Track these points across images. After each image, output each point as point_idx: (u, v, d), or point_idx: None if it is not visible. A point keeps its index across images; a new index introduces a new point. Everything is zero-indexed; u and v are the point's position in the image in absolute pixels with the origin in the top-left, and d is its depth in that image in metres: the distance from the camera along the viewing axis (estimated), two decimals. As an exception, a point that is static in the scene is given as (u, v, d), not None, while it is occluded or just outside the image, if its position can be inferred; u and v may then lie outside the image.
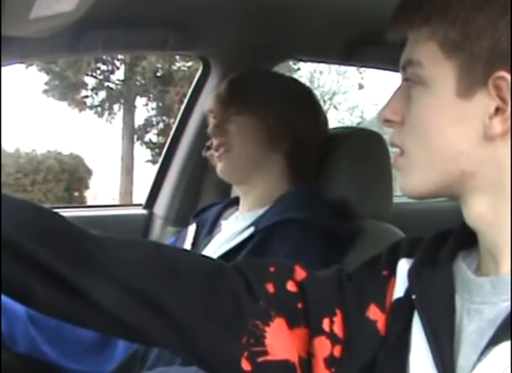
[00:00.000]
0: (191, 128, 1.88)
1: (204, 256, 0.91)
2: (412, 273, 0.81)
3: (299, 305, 0.83)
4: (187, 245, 1.45)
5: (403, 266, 0.83)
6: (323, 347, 0.82)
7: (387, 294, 0.83)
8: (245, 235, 1.31)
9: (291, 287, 0.84)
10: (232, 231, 1.36)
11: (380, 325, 0.82)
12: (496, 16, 0.72)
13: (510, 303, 0.70)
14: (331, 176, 1.47)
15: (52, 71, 12.35)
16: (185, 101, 1.92)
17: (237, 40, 1.70)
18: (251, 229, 1.31)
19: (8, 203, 0.77)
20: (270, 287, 0.84)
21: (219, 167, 1.41)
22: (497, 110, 0.72)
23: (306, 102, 1.44)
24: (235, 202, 1.50)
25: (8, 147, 11.18)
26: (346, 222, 1.43)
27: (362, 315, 0.82)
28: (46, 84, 12.64)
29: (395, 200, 1.57)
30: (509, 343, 0.67)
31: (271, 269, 0.86)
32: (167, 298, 0.79)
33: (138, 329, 0.80)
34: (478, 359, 0.69)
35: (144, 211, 2.01)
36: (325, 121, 1.47)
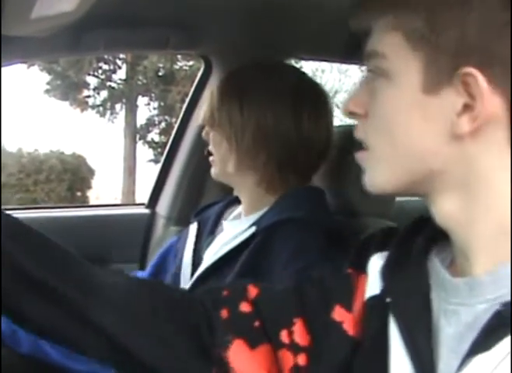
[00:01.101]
0: (193, 127, 1.88)
1: (167, 293, 0.89)
2: (385, 272, 0.79)
3: (257, 324, 0.82)
4: (190, 245, 1.45)
5: (376, 261, 0.81)
6: (286, 359, 0.81)
7: (354, 293, 0.81)
8: (246, 234, 1.31)
9: (245, 307, 0.84)
10: (234, 231, 1.36)
11: (347, 326, 0.80)
12: (465, 10, 0.68)
13: (487, 306, 0.67)
14: (332, 173, 1.47)
15: (54, 70, 12.36)
16: (187, 100, 1.92)
17: (238, 38, 1.70)
18: (253, 229, 1.31)
19: (9, 224, 0.77)
20: (224, 313, 0.83)
21: (211, 171, 1.42)
22: (465, 107, 0.68)
23: (284, 107, 1.35)
24: (236, 201, 1.50)
25: (11, 147, 11.20)
26: (348, 221, 1.43)
27: (327, 318, 0.81)
28: (48, 84, 12.66)
29: (397, 198, 1.57)
30: (488, 352, 0.64)
31: (225, 293, 0.86)
32: (136, 343, 0.79)
33: (118, 368, 0.83)
34: (460, 367, 0.66)
35: (146, 211, 2.01)
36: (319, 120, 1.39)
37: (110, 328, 0.78)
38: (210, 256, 1.36)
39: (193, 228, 1.49)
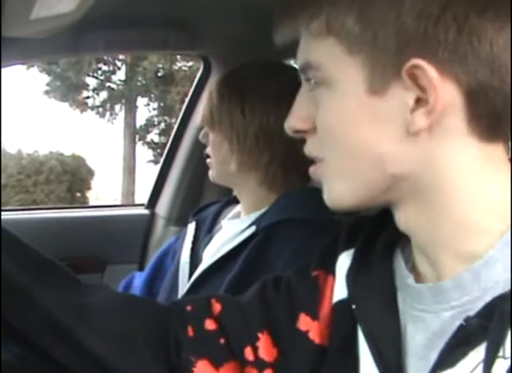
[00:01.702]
0: (193, 128, 1.88)
1: (144, 311, 0.88)
2: (349, 277, 0.75)
3: (222, 341, 0.81)
4: (187, 244, 1.45)
5: (343, 261, 0.78)
6: None
7: (320, 299, 0.79)
8: (246, 234, 1.31)
9: (209, 325, 0.82)
10: (233, 231, 1.36)
11: (313, 335, 0.78)
12: (397, 0, 0.63)
13: (453, 312, 0.64)
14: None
15: (53, 72, 12.37)
16: (186, 101, 1.92)
17: (238, 39, 1.70)
18: (252, 229, 1.31)
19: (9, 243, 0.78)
20: (190, 331, 0.82)
21: (209, 172, 1.42)
22: (418, 102, 0.64)
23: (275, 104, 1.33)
24: (235, 200, 1.50)
25: (11, 148, 11.20)
26: (348, 221, 1.42)
27: (293, 328, 0.79)
28: (47, 85, 12.66)
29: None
30: (453, 369, 0.61)
31: (188, 308, 0.84)
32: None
33: None
34: None
35: (146, 211, 2.01)
36: None
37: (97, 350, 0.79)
38: (209, 255, 1.36)
39: (191, 227, 1.49)
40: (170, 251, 1.53)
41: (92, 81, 13.01)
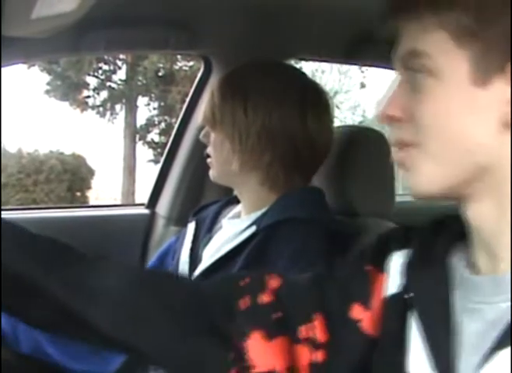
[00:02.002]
0: (193, 128, 1.88)
1: (182, 280, 0.92)
2: (406, 270, 0.79)
3: (276, 315, 0.83)
4: (187, 244, 1.45)
5: (396, 260, 0.81)
6: (303, 355, 0.81)
7: (372, 291, 0.81)
8: (246, 234, 1.31)
9: (265, 297, 0.84)
10: (233, 230, 1.36)
11: (365, 324, 0.80)
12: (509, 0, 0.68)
13: (510, 304, 0.68)
14: (333, 174, 1.47)
15: (54, 71, 12.35)
16: (187, 100, 1.92)
17: (238, 39, 1.70)
18: (253, 228, 1.31)
19: (7, 229, 0.78)
20: (243, 303, 0.83)
21: (210, 172, 1.42)
22: None
23: (289, 107, 1.35)
24: (235, 200, 1.50)
25: (11, 147, 11.18)
26: (348, 221, 1.43)
27: (344, 317, 0.81)
28: (48, 84, 12.64)
29: (397, 198, 1.57)
30: (508, 348, 0.65)
31: (245, 281, 0.85)
32: (153, 345, 0.80)
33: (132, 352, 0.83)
34: (481, 363, 0.67)
35: (146, 211, 2.01)
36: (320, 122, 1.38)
37: (113, 330, 0.79)
38: (209, 255, 1.36)
39: (191, 227, 1.49)
40: (170, 251, 1.53)
41: (92, 81, 13.00)
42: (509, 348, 0.65)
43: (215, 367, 0.81)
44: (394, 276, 0.80)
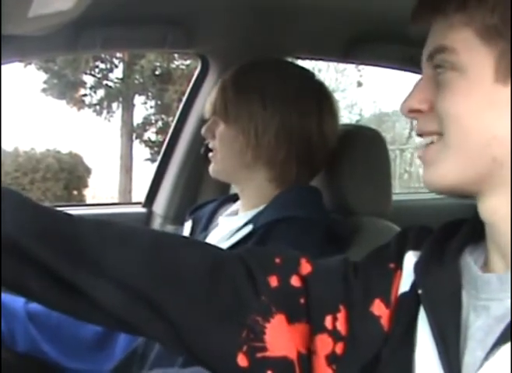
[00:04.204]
0: (190, 126, 1.88)
1: (207, 246, 0.89)
2: (418, 268, 0.80)
3: (302, 301, 0.82)
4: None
5: (410, 258, 0.82)
6: (325, 345, 0.81)
7: (392, 289, 0.82)
8: (243, 232, 1.31)
9: (295, 281, 0.83)
10: (229, 227, 1.36)
11: (384, 321, 0.81)
12: None
13: (510, 301, 0.69)
14: (329, 173, 1.47)
15: (51, 69, 12.34)
16: (184, 99, 1.92)
17: (235, 37, 1.70)
18: (250, 227, 1.31)
19: (8, 201, 0.77)
20: (273, 281, 0.83)
21: (210, 167, 1.41)
22: None
23: (297, 105, 1.36)
24: (231, 199, 1.50)
25: (7, 146, 11.17)
26: (345, 220, 1.43)
27: (366, 311, 0.81)
28: (44, 82, 12.63)
29: (394, 197, 1.57)
30: None
31: (277, 260, 0.85)
32: (165, 298, 0.79)
33: (137, 327, 0.80)
34: (486, 357, 0.68)
35: (143, 210, 2.01)
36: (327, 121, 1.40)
37: (134, 283, 0.78)
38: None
39: (187, 225, 1.49)
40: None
41: (89, 79, 12.98)
42: (509, 343, 0.66)
43: (221, 343, 0.80)
44: (407, 274, 0.82)
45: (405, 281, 0.81)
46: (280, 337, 0.81)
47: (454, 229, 0.83)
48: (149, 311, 0.78)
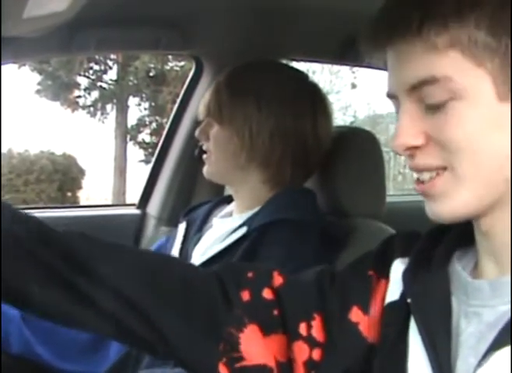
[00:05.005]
0: (184, 128, 1.88)
1: (184, 264, 0.93)
2: (406, 276, 0.79)
3: (275, 312, 0.83)
4: (177, 244, 1.44)
5: (398, 267, 0.81)
6: (301, 351, 0.81)
7: (372, 296, 0.82)
8: (237, 235, 1.31)
9: (267, 294, 0.84)
10: (224, 229, 1.36)
11: (363, 328, 0.81)
12: None
13: (510, 306, 0.68)
14: (324, 175, 1.47)
15: (45, 71, 12.31)
16: (178, 101, 1.92)
17: (230, 39, 1.70)
18: (244, 229, 1.31)
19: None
20: (245, 295, 0.84)
21: (204, 169, 1.41)
22: None
23: (291, 106, 1.37)
24: (226, 200, 1.49)
25: (1, 147, 11.14)
26: (339, 221, 1.43)
27: (344, 318, 0.81)
28: (38, 84, 12.60)
29: (388, 199, 1.57)
30: (509, 348, 0.65)
31: (249, 274, 0.86)
32: (150, 307, 0.80)
33: (129, 334, 0.81)
34: (479, 363, 0.67)
35: (137, 211, 2.01)
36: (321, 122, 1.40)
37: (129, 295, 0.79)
38: (199, 253, 1.36)
39: (181, 227, 1.49)
40: (160, 251, 1.52)
41: (83, 81, 12.96)
42: (506, 348, 0.66)
43: (203, 355, 0.81)
44: (395, 283, 0.80)
45: (394, 290, 0.80)
46: (255, 346, 0.82)
47: (441, 234, 0.81)
48: (137, 318, 0.80)
